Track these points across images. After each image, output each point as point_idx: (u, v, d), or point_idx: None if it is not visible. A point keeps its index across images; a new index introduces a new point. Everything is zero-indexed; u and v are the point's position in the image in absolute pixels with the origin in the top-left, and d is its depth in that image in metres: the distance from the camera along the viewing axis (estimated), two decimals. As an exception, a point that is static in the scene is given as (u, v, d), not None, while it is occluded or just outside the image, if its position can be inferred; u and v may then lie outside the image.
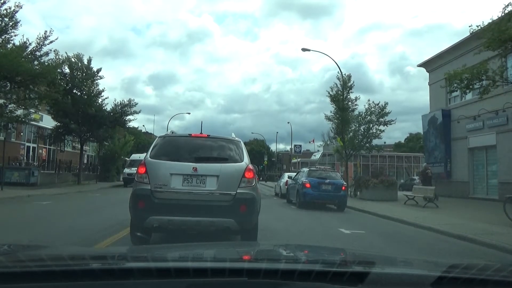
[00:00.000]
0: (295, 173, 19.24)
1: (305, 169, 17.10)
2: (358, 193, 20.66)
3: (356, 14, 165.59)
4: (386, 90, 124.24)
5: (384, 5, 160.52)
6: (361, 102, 23.81)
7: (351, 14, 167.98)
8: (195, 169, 5.39)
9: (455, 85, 14.72)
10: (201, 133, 6.32)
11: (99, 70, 26.17)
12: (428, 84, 25.41)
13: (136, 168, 5.89)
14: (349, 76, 23.38)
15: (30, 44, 18.05)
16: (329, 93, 23.38)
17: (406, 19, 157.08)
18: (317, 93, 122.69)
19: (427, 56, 25.69)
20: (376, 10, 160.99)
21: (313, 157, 58.50)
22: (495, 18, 12.97)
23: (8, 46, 16.98)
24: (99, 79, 26.27)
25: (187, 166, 5.43)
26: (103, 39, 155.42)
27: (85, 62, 25.59)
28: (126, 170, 28.05)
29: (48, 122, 26.77)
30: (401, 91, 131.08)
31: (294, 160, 57.65)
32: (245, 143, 6.51)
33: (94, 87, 26.22)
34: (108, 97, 31.98)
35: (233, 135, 6.48)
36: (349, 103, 23.20)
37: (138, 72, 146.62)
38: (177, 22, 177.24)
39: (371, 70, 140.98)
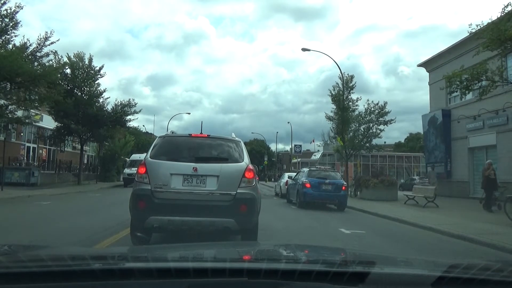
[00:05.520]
0: (295, 173, 19.25)
1: (305, 169, 17.09)
2: (358, 193, 20.66)
3: (351, 16, 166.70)
4: (382, 90, 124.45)
5: (379, 7, 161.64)
6: (360, 102, 23.80)
7: (346, 16, 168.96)
8: (195, 169, 5.39)
9: (455, 86, 14.73)
10: (201, 133, 6.32)
11: (100, 68, 26.14)
12: (428, 84, 25.42)
13: (136, 168, 5.89)
14: (352, 77, 23.41)
15: (30, 45, 18.08)
16: (331, 92, 23.43)
17: (401, 20, 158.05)
18: (314, 93, 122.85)
19: (422, 56, 25.99)
20: (371, 12, 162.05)
21: (313, 157, 58.59)
22: (494, 18, 12.98)
23: (9, 46, 17.00)
24: (100, 77, 26.30)
25: (187, 166, 5.43)
26: (101, 41, 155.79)
27: (86, 62, 25.59)
28: (126, 170, 28.01)
29: (48, 122, 26.76)
30: (398, 91, 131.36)
31: (294, 160, 57.66)
32: (245, 143, 6.50)
33: (95, 87, 26.22)
34: (109, 97, 31.92)
35: (233, 135, 6.47)
36: (350, 103, 23.23)
37: (136, 73, 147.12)
38: (175, 24, 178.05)
39: (368, 71, 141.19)
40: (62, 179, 26.82)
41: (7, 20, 16.65)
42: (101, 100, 26.75)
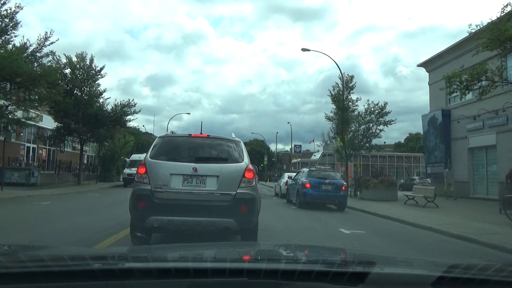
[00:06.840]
0: (295, 173, 19.24)
1: (305, 169, 17.10)
2: (358, 193, 20.67)
3: (350, 17, 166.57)
4: (381, 90, 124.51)
5: (378, 8, 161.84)
6: (359, 102, 23.85)
7: (345, 17, 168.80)
8: (195, 169, 5.39)
9: (455, 86, 14.74)
10: (201, 133, 6.31)
11: (101, 69, 26.10)
12: (428, 84, 25.44)
13: (136, 169, 5.89)
14: (352, 77, 23.45)
15: (30, 45, 18.08)
16: (330, 92, 23.45)
17: (400, 21, 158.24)
18: (313, 94, 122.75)
19: (421, 57, 26.05)
20: (370, 13, 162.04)
21: (313, 157, 58.58)
22: (493, 18, 13.00)
23: (9, 46, 17.01)
24: (100, 78, 26.30)
25: (187, 166, 5.43)
26: (100, 41, 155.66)
27: (88, 62, 25.56)
28: (126, 171, 28.00)
29: (48, 122, 26.76)
30: (397, 91, 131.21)
31: (294, 160, 57.68)
32: (244, 143, 6.50)
33: (95, 87, 26.21)
34: (110, 97, 31.95)
35: (233, 135, 6.47)
36: (350, 103, 23.25)
37: (136, 74, 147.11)
38: (174, 25, 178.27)
39: (367, 71, 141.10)
40: (62, 179, 26.80)
41: (7, 20, 16.66)
42: (101, 100, 26.80)
